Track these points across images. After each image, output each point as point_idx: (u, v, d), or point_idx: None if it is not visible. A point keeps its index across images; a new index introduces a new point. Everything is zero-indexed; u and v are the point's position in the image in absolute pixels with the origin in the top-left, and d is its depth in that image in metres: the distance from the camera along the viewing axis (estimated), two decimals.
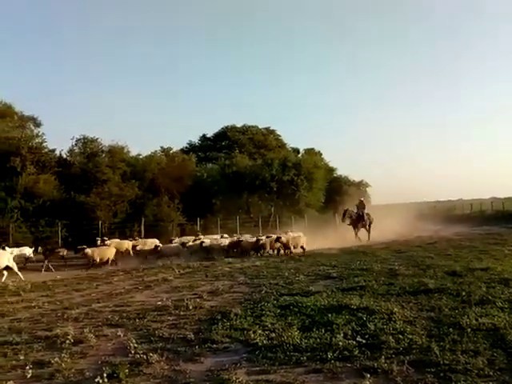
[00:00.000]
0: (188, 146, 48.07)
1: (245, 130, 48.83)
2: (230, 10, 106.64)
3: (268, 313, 7.87)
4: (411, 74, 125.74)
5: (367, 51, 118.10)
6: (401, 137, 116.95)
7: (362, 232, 26.88)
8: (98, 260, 17.64)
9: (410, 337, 6.18)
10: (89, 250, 17.61)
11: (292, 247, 19.41)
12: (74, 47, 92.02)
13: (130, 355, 5.99)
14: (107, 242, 20.16)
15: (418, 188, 52.13)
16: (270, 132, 49.79)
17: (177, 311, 8.58)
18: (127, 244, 20.97)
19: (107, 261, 18.13)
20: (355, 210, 27.44)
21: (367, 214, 27.54)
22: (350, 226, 26.98)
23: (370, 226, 27.34)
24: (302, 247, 19.84)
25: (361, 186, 41.50)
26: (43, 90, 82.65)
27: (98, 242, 20.73)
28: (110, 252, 18.52)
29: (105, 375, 5.16)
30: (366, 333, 6.43)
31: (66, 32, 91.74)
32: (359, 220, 26.97)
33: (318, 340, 6.20)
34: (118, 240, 21.89)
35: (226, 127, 49.55)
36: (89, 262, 17.57)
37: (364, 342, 6.07)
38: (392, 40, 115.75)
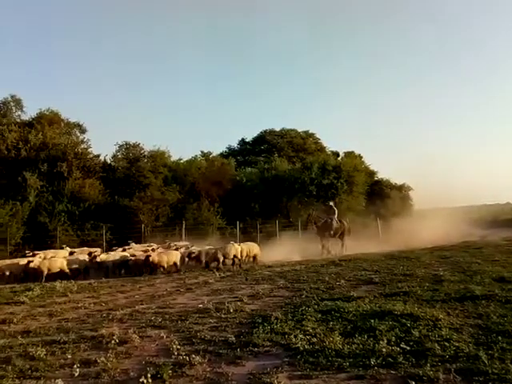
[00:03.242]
0: (227, 150, 48.51)
1: (283, 133, 48.84)
2: (257, 11, 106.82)
3: (309, 317, 7.81)
4: (458, 72, 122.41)
5: (414, 51, 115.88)
6: (445, 139, 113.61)
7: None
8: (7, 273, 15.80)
9: (457, 344, 6.02)
10: None
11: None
12: (117, 52, 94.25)
13: (172, 356, 6.07)
14: (41, 255, 17.48)
15: (465, 191, 50.63)
16: (308, 135, 49.54)
17: (218, 314, 8.65)
18: (63, 254, 18.49)
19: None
20: (330, 216, 24.13)
21: (340, 222, 24.42)
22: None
23: (342, 235, 24.14)
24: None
25: (403, 189, 40.62)
26: (88, 96, 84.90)
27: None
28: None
29: (149, 375, 5.26)
30: (410, 339, 6.30)
31: (108, 37, 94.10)
32: (326, 228, 23.59)
33: (361, 346, 6.12)
34: (53, 251, 19.59)
35: (265, 131, 49.74)
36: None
37: (408, 348, 5.95)
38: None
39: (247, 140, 50.30)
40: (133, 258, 16.96)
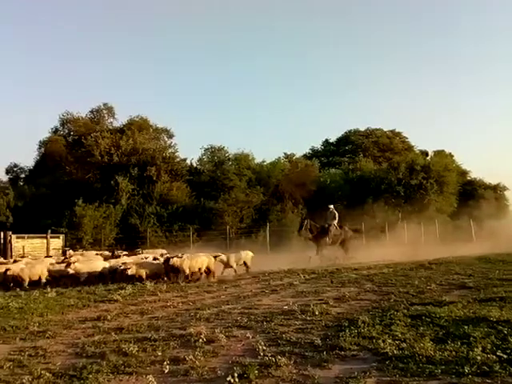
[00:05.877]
0: (311, 151, 48.41)
1: (368, 133, 47.98)
2: (331, 11, 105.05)
3: (398, 322, 7.54)
4: None
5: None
6: None
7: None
8: None
9: None
10: None
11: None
12: (201, 57, 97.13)
13: (258, 357, 6.09)
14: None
15: None
16: (395, 134, 48.28)
17: (303, 316, 8.58)
18: (44, 261, 17.01)
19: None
20: (328, 221, 21.53)
21: (340, 228, 21.82)
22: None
23: (344, 242, 21.63)
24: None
25: (498, 189, 38.36)
26: (174, 101, 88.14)
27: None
28: None
29: (236, 375, 5.29)
30: (507, 347, 5.89)
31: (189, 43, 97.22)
32: (323, 235, 20.99)
33: (454, 353, 5.81)
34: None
35: (349, 131, 49.22)
36: None
37: (505, 357, 5.56)
38: None
39: (331, 141, 49.99)
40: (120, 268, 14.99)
